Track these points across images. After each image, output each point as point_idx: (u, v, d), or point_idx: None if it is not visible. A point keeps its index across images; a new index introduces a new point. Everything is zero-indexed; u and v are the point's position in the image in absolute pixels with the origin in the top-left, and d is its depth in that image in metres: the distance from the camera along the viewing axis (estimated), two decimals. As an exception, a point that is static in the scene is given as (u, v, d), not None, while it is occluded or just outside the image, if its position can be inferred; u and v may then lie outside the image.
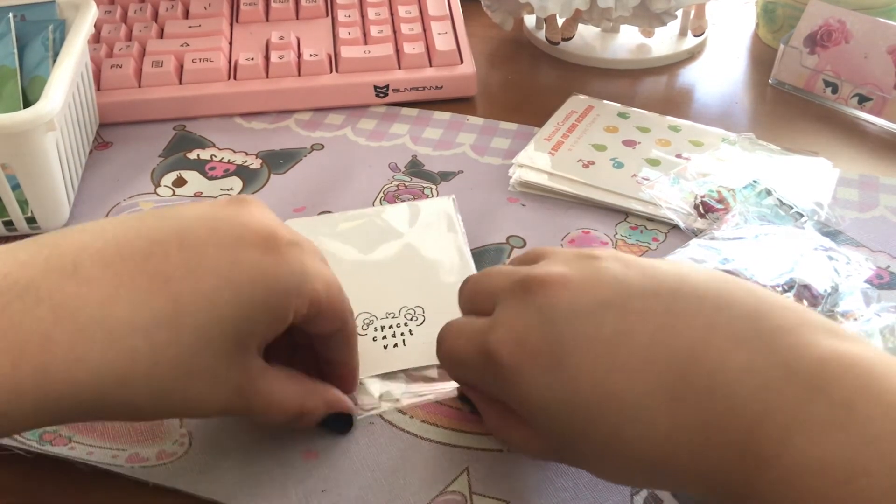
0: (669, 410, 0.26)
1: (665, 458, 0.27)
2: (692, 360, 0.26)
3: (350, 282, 0.37)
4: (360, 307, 0.42)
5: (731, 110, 0.60)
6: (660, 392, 0.27)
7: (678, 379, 0.26)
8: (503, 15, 0.65)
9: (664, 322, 0.28)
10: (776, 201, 0.47)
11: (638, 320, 0.28)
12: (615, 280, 0.29)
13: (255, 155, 0.56)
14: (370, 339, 0.41)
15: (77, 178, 0.52)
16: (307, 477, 0.35)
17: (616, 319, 0.28)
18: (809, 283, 0.40)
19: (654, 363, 0.27)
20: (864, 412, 0.23)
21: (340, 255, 0.46)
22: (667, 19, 0.61)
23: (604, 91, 0.62)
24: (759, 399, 0.25)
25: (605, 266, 0.30)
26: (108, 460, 0.36)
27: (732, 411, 0.25)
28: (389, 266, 0.45)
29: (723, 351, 0.26)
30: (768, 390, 0.25)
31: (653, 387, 0.27)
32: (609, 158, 0.53)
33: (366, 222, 0.48)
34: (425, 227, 0.48)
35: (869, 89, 0.57)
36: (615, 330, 0.28)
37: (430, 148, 0.56)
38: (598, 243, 0.47)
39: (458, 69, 0.60)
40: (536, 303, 0.30)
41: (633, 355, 0.27)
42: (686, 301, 0.28)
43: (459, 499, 0.35)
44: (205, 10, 0.64)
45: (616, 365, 0.27)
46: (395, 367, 0.40)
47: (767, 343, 0.26)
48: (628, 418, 0.27)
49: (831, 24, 0.58)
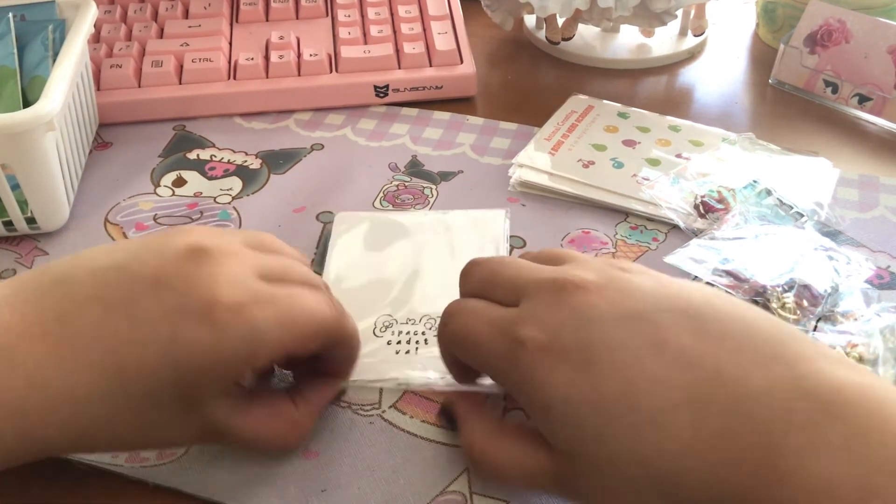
0: (691, 423, 0.27)
1: (678, 471, 0.27)
2: (717, 379, 0.27)
3: (381, 284, 0.42)
4: (383, 310, 0.42)
5: (731, 110, 0.60)
6: (684, 405, 0.27)
7: (703, 394, 0.27)
8: (503, 15, 0.65)
9: (691, 340, 0.28)
10: (776, 201, 0.47)
11: (667, 335, 0.29)
12: (647, 294, 0.30)
13: (255, 155, 0.56)
14: (384, 342, 0.41)
15: (77, 178, 0.52)
16: (307, 477, 0.35)
17: (646, 331, 0.29)
18: (809, 283, 0.40)
19: (681, 377, 0.28)
20: (877, 437, 0.24)
21: (388, 254, 0.46)
22: (667, 19, 0.61)
23: (604, 91, 0.62)
24: (778, 418, 0.26)
25: (636, 280, 0.31)
26: (107, 460, 0.36)
27: (752, 429, 0.26)
28: (426, 272, 0.45)
29: (747, 372, 0.27)
30: (788, 411, 0.26)
31: (677, 399, 0.27)
32: (609, 158, 0.53)
33: (424, 223, 0.48)
34: (472, 239, 0.47)
35: (869, 89, 0.57)
36: (645, 341, 0.29)
37: (430, 148, 0.56)
38: (598, 243, 0.47)
39: (458, 69, 0.60)
40: (571, 303, 0.30)
41: (661, 367, 0.28)
42: (713, 324, 0.29)
43: (459, 499, 0.35)
44: (205, 10, 0.64)
45: (643, 374, 0.28)
46: (400, 374, 0.39)
47: (789, 368, 0.27)
48: (650, 423, 0.27)
49: (831, 23, 0.58)
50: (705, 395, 0.27)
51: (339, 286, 0.44)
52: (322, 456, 0.36)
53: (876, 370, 0.36)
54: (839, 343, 0.38)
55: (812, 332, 0.38)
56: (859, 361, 0.37)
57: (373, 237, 0.47)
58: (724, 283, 0.41)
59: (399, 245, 0.47)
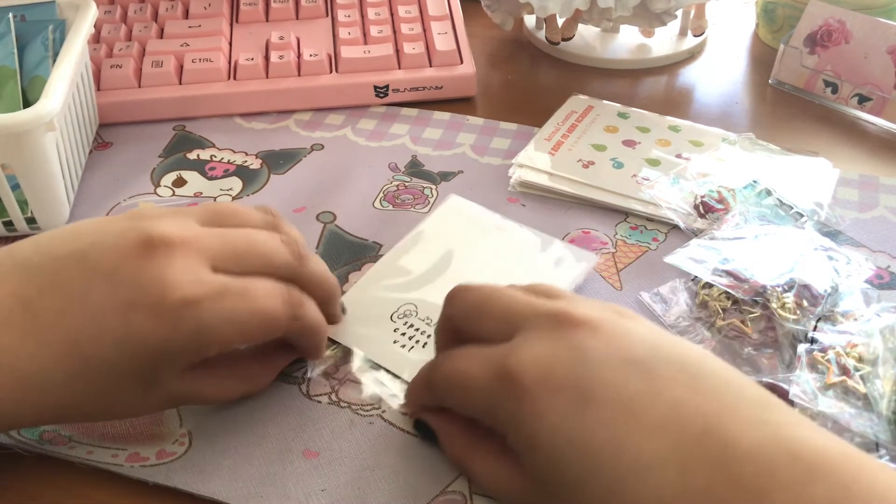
0: (678, 479, 0.27)
1: None
2: (706, 435, 0.28)
3: (430, 274, 0.44)
4: (412, 298, 0.43)
5: (731, 110, 0.60)
6: (673, 458, 0.27)
7: (691, 448, 0.27)
8: (503, 15, 0.65)
9: (685, 394, 0.29)
10: (776, 201, 0.47)
11: (662, 386, 0.29)
12: (646, 342, 0.31)
13: (255, 155, 0.56)
14: (392, 329, 0.41)
15: (77, 178, 0.52)
16: (307, 477, 0.35)
17: (642, 379, 0.29)
18: (809, 283, 0.40)
19: (671, 430, 0.28)
20: (860, 495, 0.25)
21: (463, 252, 0.46)
22: (667, 19, 0.61)
23: (604, 91, 0.62)
24: (764, 476, 0.26)
25: (634, 326, 0.31)
26: (107, 460, 0.36)
27: (739, 485, 0.26)
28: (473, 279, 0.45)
29: (735, 431, 0.27)
30: (775, 470, 0.26)
31: (666, 452, 0.27)
32: (609, 158, 0.53)
33: (498, 237, 0.47)
34: (546, 271, 0.45)
35: (869, 89, 0.57)
36: (639, 390, 0.29)
37: (430, 148, 0.56)
38: (598, 243, 0.47)
39: (458, 69, 0.60)
40: (569, 339, 0.30)
41: (653, 418, 0.28)
42: (707, 380, 0.29)
43: (459, 499, 0.35)
44: (205, 10, 0.64)
45: (636, 425, 0.28)
46: (394, 366, 0.40)
47: (776, 431, 0.27)
48: (636, 475, 0.27)
49: (831, 24, 0.58)
50: (695, 450, 0.27)
51: (397, 261, 0.45)
52: (322, 456, 0.36)
53: (876, 370, 0.36)
54: (839, 343, 0.38)
55: (812, 332, 0.38)
56: (859, 361, 0.37)
57: (466, 230, 0.47)
58: (724, 283, 0.41)
59: (480, 245, 0.46)
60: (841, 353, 0.37)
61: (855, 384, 0.36)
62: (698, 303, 0.42)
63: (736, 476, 0.26)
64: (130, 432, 0.37)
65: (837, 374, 0.36)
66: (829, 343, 0.38)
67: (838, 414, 0.35)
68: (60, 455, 0.36)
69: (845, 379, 0.36)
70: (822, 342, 0.38)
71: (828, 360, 0.37)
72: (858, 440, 0.34)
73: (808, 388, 0.36)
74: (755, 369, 0.39)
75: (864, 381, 0.36)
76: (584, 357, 0.30)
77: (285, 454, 0.36)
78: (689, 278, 0.43)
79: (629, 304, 0.44)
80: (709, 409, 0.28)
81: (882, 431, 0.34)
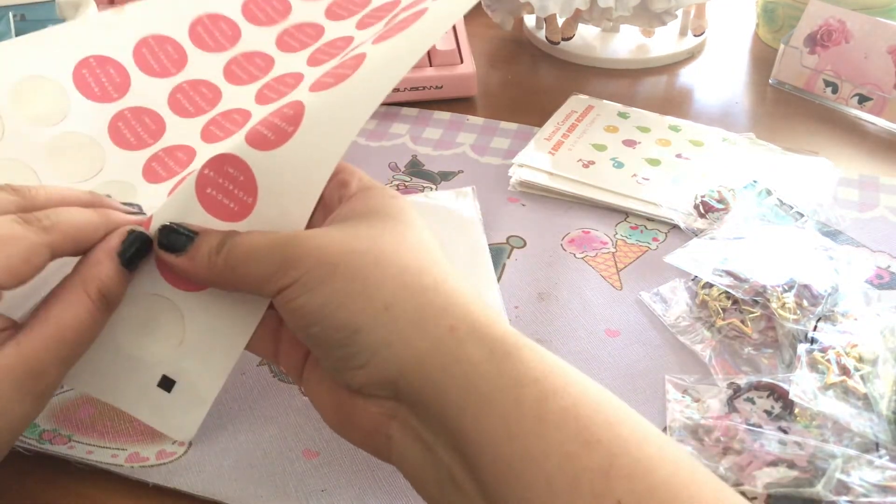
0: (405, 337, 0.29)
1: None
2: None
3: None
4: None
5: (731, 110, 0.60)
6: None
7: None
8: (503, 15, 0.65)
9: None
10: (776, 201, 0.47)
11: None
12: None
13: (255, 155, 0.56)
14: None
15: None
16: (307, 477, 0.35)
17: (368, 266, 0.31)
18: (809, 283, 0.40)
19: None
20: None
21: None
22: (667, 19, 0.61)
23: (604, 91, 0.62)
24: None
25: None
26: (107, 460, 0.36)
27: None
28: None
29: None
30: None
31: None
32: (609, 158, 0.53)
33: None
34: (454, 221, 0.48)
35: (869, 89, 0.57)
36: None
37: (430, 148, 0.56)
38: (598, 243, 0.47)
39: (457, 69, 0.60)
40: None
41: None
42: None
43: (459, 499, 0.35)
44: (205, 10, 0.64)
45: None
46: None
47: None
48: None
49: (831, 24, 0.58)
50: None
51: None
52: (322, 456, 0.36)
53: (876, 370, 0.36)
54: (839, 343, 0.38)
55: (812, 331, 0.38)
56: (859, 361, 0.37)
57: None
58: (724, 282, 0.41)
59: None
60: (841, 353, 0.37)
61: (855, 384, 0.36)
62: (698, 302, 0.42)
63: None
64: (130, 432, 0.37)
65: (837, 374, 0.36)
66: (829, 343, 0.38)
67: (838, 414, 0.35)
68: (60, 455, 0.36)
69: (845, 379, 0.36)
70: (822, 342, 0.38)
71: (828, 360, 0.37)
72: (858, 440, 0.34)
73: (808, 388, 0.36)
74: (755, 369, 0.39)
75: (864, 381, 0.36)
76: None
77: (285, 455, 0.36)
78: (689, 278, 0.43)
79: (629, 303, 0.44)
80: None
81: (882, 431, 0.34)
